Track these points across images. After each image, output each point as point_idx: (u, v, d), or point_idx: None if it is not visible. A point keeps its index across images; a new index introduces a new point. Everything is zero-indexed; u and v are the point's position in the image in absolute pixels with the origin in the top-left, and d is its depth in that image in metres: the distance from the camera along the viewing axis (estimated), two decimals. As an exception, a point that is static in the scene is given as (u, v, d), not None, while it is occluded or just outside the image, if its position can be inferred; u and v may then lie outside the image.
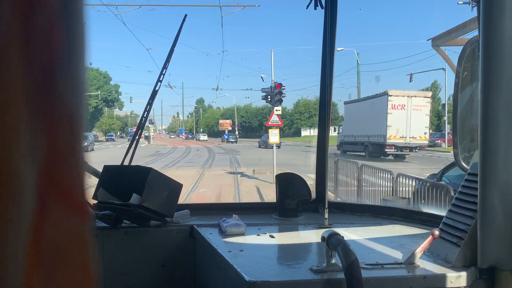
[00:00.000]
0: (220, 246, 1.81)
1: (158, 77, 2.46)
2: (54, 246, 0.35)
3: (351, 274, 1.28)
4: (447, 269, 1.45)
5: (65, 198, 0.36)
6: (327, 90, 2.42)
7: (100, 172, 2.22)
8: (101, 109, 76.39)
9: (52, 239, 0.34)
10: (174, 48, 2.48)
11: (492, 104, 1.32)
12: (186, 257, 2.14)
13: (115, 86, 75.14)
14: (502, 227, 1.34)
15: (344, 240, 1.38)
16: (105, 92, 70.22)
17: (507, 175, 1.33)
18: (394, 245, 1.77)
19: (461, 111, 2.00)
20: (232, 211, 2.30)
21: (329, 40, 2.33)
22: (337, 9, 2.33)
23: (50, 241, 0.34)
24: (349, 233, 1.99)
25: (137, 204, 1.94)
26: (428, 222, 2.09)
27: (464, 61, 1.92)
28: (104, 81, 71.82)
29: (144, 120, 2.50)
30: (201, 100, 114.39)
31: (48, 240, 0.34)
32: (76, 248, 0.37)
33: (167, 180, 2.09)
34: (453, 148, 1.99)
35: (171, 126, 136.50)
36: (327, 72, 2.40)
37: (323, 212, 2.22)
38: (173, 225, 2.17)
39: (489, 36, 1.32)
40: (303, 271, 1.50)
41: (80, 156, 0.38)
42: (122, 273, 2.11)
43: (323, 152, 2.49)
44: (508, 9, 1.28)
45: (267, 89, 19.07)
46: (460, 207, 1.57)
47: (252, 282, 1.39)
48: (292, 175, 2.44)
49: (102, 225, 2.11)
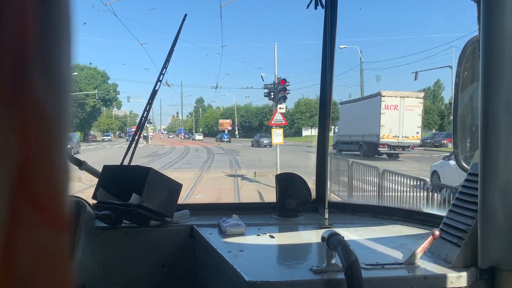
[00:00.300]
0: (220, 246, 1.81)
1: (158, 77, 2.46)
2: (25, 261, 0.31)
3: (351, 274, 1.28)
4: (447, 269, 1.45)
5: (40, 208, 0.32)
6: (328, 90, 2.42)
7: (100, 172, 2.22)
8: (99, 108, 75.41)
9: (23, 254, 0.31)
10: (174, 48, 2.48)
11: (493, 104, 1.32)
12: (186, 257, 2.14)
13: (113, 85, 74.30)
14: (503, 227, 1.34)
15: (344, 240, 1.38)
16: (103, 91, 69.35)
17: (508, 175, 1.32)
18: (395, 245, 1.77)
19: (462, 111, 2.00)
20: (232, 211, 2.30)
21: (329, 39, 2.33)
22: (337, 8, 2.33)
23: (20, 256, 0.31)
24: (349, 233, 1.99)
25: (137, 204, 1.94)
26: (428, 222, 2.09)
27: (464, 61, 1.92)
28: (102, 80, 70.95)
29: (144, 120, 2.50)
30: (200, 100, 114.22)
31: (19, 255, 0.31)
32: (50, 265, 0.33)
33: (167, 180, 2.09)
34: (454, 148, 1.99)
35: (170, 126, 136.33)
36: (327, 72, 2.40)
37: (323, 212, 2.21)
38: (173, 225, 2.17)
39: (489, 36, 1.32)
40: (303, 271, 1.50)
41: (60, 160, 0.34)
42: (121, 273, 2.11)
43: (323, 152, 2.49)
44: (508, 9, 1.28)
45: (269, 85, 18.01)
46: (461, 207, 1.57)
47: (252, 282, 1.39)
48: (292, 175, 2.44)
49: (102, 225, 2.11)
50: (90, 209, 2.04)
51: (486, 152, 1.35)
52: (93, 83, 68.36)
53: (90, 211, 2.03)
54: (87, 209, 1.99)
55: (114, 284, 2.09)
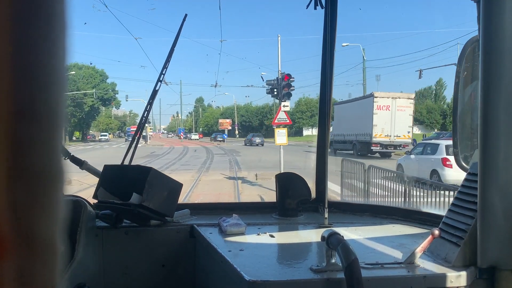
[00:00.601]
0: (220, 245, 1.81)
1: (158, 77, 2.46)
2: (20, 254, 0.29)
3: (351, 273, 1.28)
4: (447, 269, 1.46)
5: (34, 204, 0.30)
6: (327, 90, 2.42)
7: (101, 171, 2.23)
8: (98, 108, 74.01)
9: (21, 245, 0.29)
10: (174, 48, 2.48)
11: (492, 104, 1.33)
12: (186, 257, 2.15)
13: (111, 85, 72.91)
14: (502, 226, 1.34)
15: (344, 239, 1.38)
16: (101, 91, 67.17)
17: (507, 175, 1.33)
18: (394, 245, 1.77)
19: (461, 110, 2.00)
20: (232, 211, 2.31)
21: (329, 39, 2.33)
22: (337, 8, 2.33)
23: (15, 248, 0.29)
24: (349, 232, 1.99)
25: (137, 203, 1.94)
26: (428, 221, 2.10)
27: (464, 61, 1.92)
28: (101, 79, 69.52)
29: (144, 120, 2.50)
30: (200, 99, 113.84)
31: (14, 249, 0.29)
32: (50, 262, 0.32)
33: (167, 180, 2.10)
34: (453, 148, 1.99)
35: (170, 126, 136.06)
36: (327, 72, 2.40)
37: (323, 211, 2.22)
38: (173, 225, 2.17)
39: (489, 35, 1.32)
40: (303, 270, 1.50)
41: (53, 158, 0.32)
42: (122, 272, 2.11)
43: (323, 151, 2.49)
44: (508, 9, 1.28)
45: (272, 81, 16.57)
46: (460, 206, 1.57)
47: (252, 281, 1.39)
48: (292, 174, 2.44)
49: (102, 225, 2.12)
50: (90, 209, 2.05)
51: (485, 152, 1.35)
52: (92, 82, 66.52)
53: (90, 210, 2.04)
54: (87, 208, 1.99)
55: (114, 283, 2.10)
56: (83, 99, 64.79)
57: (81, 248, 1.86)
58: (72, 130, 65.33)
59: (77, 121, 65.44)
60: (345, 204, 2.61)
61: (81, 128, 70.55)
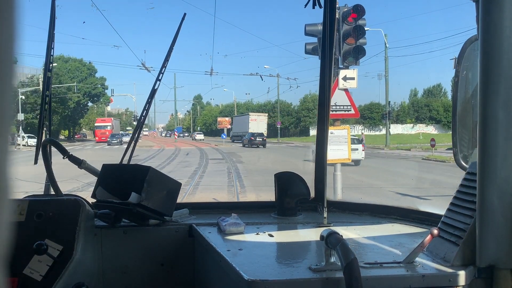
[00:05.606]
0: (219, 245, 1.81)
1: (157, 76, 2.45)
2: None
3: (350, 273, 1.28)
4: (445, 268, 1.46)
5: None
6: (327, 90, 2.42)
7: (99, 170, 2.22)
8: (86, 104, 67.15)
9: None
10: (173, 47, 2.47)
11: (491, 103, 1.33)
12: (185, 256, 2.15)
13: (100, 79, 65.97)
14: (501, 226, 1.35)
15: (343, 239, 1.38)
16: (89, 85, 61.35)
17: (506, 174, 1.33)
18: (393, 244, 1.77)
19: (461, 110, 2.00)
20: (231, 210, 2.31)
21: (328, 40, 2.33)
22: (336, 8, 2.33)
23: None
24: (348, 232, 1.99)
25: (136, 203, 1.94)
26: (427, 221, 2.10)
27: (463, 60, 1.93)
28: (88, 73, 63.10)
29: (143, 118, 2.49)
30: (198, 97, 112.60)
31: None
32: None
33: (166, 179, 2.09)
34: (453, 147, 1.99)
35: (169, 124, 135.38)
36: (326, 72, 2.40)
37: (322, 211, 2.22)
38: (172, 224, 2.17)
39: (488, 35, 1.32)
40: (302, 270, 1.50)
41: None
42: (121, 272, 2.11)
43: (323, 151, 2.49)
44: (507, 8, 1.28)
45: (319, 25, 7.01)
46: (459, 206, 1.57)
47: (251, 281, 1.39)
48: (291, 174, 2.44)
49: (101, 224, 2.11)
50: (89, 208, 2.04)
51: (484, 151, 1.35)
52: (78, 76, 60.30)
53: (89, 210, 2.03)
54: (86, 208, 1.99)
55: (113, 283, 2.09)
56: (67, 94, 57.92)
57: (79, 247, 1.86)
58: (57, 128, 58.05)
59: (61, 118, 57.43)
60: (344, 203, 2.61)
61: (67, 126, 63.53)
